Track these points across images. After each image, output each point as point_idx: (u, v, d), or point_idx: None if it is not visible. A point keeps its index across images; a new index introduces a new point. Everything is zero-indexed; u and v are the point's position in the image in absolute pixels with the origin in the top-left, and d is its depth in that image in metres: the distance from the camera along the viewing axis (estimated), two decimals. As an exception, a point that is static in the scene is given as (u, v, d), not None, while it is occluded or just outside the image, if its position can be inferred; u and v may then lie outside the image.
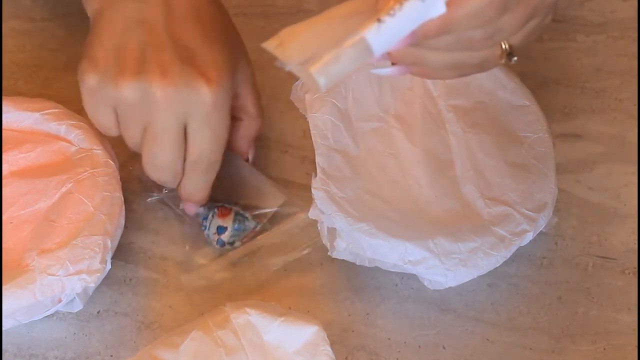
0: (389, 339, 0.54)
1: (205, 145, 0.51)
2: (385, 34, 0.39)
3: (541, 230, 0.54)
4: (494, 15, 0.41)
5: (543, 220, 0.54)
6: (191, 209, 0.56)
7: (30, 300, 0.50)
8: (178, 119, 0.49)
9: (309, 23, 0.43)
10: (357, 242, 0.52)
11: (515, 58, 0.44)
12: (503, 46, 0.44)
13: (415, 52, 0.43)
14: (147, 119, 0.49)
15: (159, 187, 0.58)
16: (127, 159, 0.61)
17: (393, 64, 0.45)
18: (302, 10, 0.70)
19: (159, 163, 0.51)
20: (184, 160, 0.51)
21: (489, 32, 0.42)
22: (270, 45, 0.42)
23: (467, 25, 0.41)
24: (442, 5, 0.40)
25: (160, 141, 0.50)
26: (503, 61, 0.45)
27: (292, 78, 0.65)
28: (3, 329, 0.52)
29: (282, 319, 0.49)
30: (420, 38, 0.41)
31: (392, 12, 0.39)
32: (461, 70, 0.45)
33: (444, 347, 0.54)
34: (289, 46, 0.42)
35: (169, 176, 0.52)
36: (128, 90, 0.48)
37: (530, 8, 0.43)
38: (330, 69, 0.40)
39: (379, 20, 0.39)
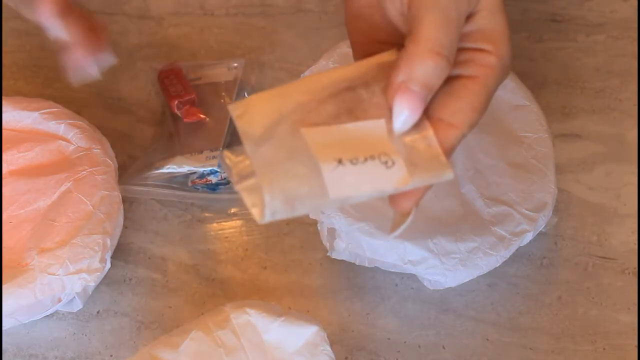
0: (389, 339, 0.54)
1: None
2: (344, 178, 0.36)
3: (541, 230, 0.54)
4: None
5: (543, 220, 0.54)
6: None
7: (30, 300, 0.50)
8: None
9: (283, 93, 0.38)
10: (357, 242, 0.52)
11: None
12: None
13: None
14: None
15: None
16: (126, 159, 0.61)
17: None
18: (302, 10, 0.69)
19: None
20: None
21: None
22: (234, 110, 0.37)
23: None
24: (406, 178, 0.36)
25: None
26: None
27: (293, 77, 0.65)
28: (3, 329, 0.52)
29: (282, 319, 0.49)
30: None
31: (354, 160, 0.36)
32: None
33: (444, 347, 0.54)
34: (251, 120, 0.37)
35: None
36: None
37: None
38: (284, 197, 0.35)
39: (339, 161, 0.36)
